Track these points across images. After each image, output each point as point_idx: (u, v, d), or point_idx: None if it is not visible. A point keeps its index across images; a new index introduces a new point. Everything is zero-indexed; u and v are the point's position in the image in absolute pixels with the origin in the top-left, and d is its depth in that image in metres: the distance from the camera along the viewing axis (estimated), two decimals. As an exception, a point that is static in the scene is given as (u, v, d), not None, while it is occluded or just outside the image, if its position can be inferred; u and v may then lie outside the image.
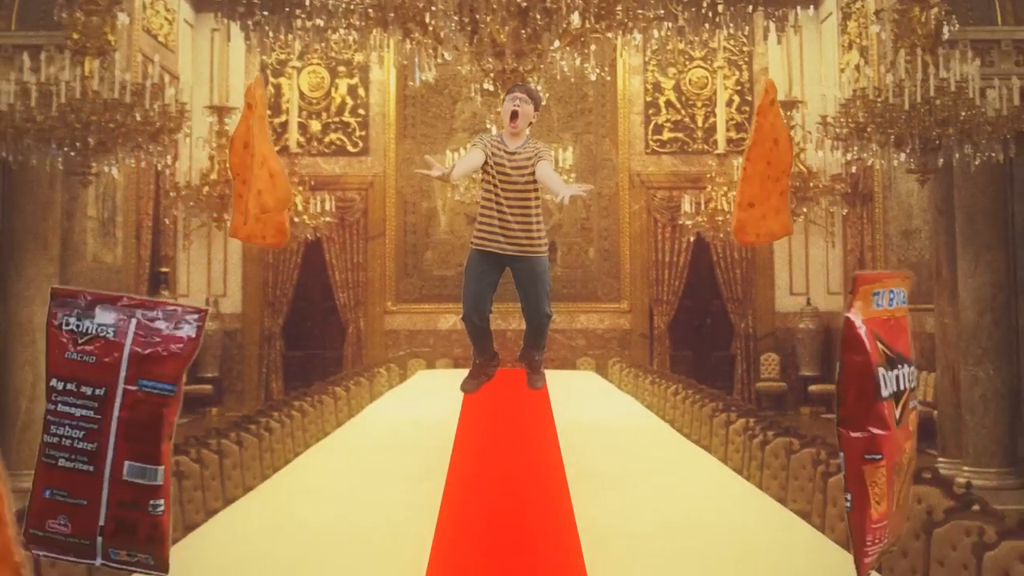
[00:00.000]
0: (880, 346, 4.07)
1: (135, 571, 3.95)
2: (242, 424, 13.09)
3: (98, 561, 3.88)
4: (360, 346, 28.26)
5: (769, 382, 28.09)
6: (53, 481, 3.74)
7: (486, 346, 8.51)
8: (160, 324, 3.84)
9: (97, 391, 3.69)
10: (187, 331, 3.85)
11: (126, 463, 3.74)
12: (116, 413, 3.71)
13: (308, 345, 28.88)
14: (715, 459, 11.60)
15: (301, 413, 14.83)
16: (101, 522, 3.78)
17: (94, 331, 3.77)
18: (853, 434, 4.07)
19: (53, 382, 3.68)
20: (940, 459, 17.97)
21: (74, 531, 3.81)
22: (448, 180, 7.62)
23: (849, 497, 4.17)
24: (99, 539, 3.82)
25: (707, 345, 29.06)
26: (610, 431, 12.81)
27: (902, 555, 8.17)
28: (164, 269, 26.46)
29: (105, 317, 3.80)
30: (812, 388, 27.53)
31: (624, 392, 19.12)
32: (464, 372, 9.40)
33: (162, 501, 3.82)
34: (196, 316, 3.87)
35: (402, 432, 12.90)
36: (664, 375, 22.18)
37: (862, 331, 3.97)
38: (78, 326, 3.77)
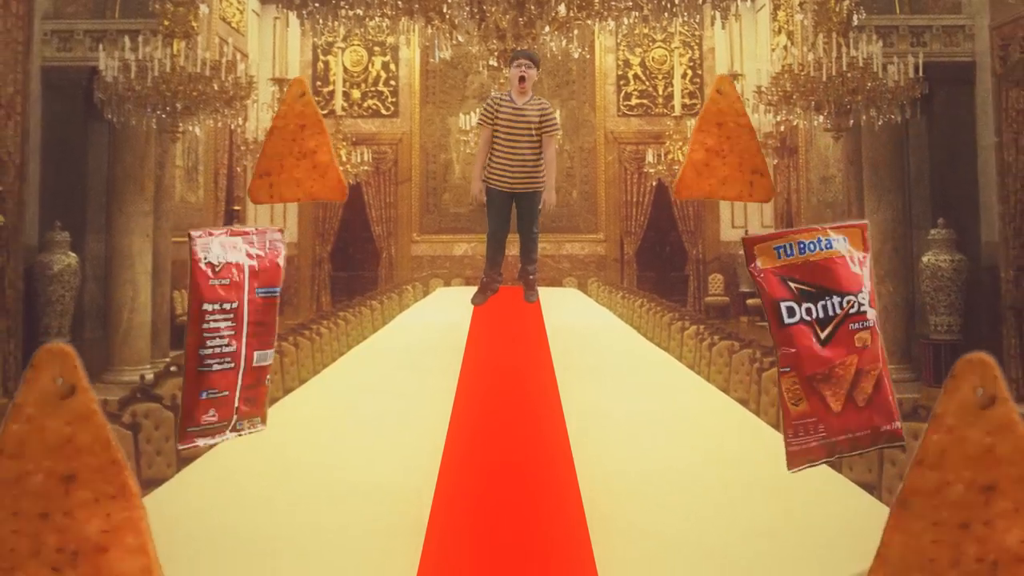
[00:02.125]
0: (793, 285, 4.14)
1: (249, 433, 4.00)
2: (298, 330, 13.14)
3: (227, 436, 3.95)
4: (391, 268, 28.33)
5: (715, 297, 28.16)
6: (208, 384, 3.81)
7: (499, 260, 8.80)
8: (259, 244, 3.93)
9: (232, 305, 3.78)
10: (278, 246, 3.95)
11: (255, 353, 3.86)
12: (246, 318, 3.81)
13: (350, 267, 28.93)
14: (672, 357, 11.63)
15: (345, 321, 14.89)
16: (236, 404, 3.88)
17: (224, 260, 3.85)
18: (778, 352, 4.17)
19: (204, 306, 3.76)
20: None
21: (220, 418, 3.88)
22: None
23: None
24: (235, 418, 3.91)
25: (666, 267, 29.11)
26: (589, 335, 12.82)
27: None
28: (236, 207, 26.53)
29: (228, 247, 3.90)
30: (749, 301, 27.58)
31: (601, 305, 19.13)
32: (474, 289, 9.54)
33: (270, 375, 3.97)
34: (279, 234, 3.98)
35: (425, 336, 12.92)
36: (632, 291, 22.28)
37: (761, 277, 4.02)
38: (214, 259, 3.87)
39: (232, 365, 3.86)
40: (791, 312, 4.05)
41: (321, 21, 16.53)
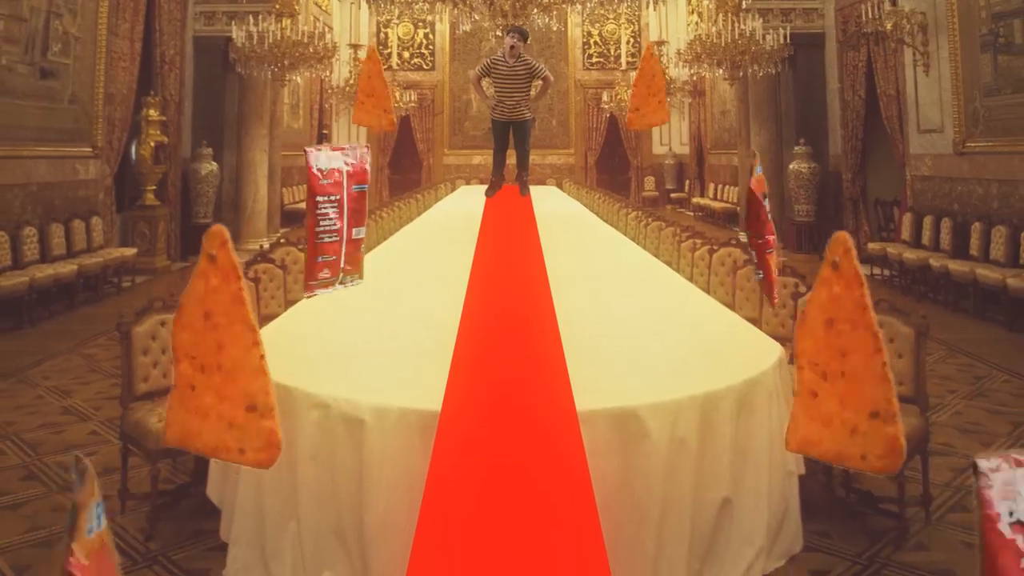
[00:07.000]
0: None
1: (353, 285, 4.13)
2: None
3: (336, 287, 4.11)
4: (430, 173, 28.30)
5: (649, 192, 28.14)
6: (322, 251, 3.94)
7: (501, 168, 9.47)
8: (352, 156, 4.04)
9: (336, 197, 3.89)
10: (365, 156, 4.07)
11: (353, 229, 4.01)
12: (346, 206, 3.93)
13: (402, 172, 28.82)
14: (620, 233, 11.60)
15: (399, 208, 14.82)
16: (342, 265, 4.03)
17: (329, 167, 3.99)
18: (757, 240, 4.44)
19: (317, 198, 3.87)
20: (741, 233, 18.02)
21: (331, 275, 4.01)
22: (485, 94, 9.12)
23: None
24: (341, 274, 4.06)
25: (616, 172, 29.06)
26: (564, 217, 12.78)
27: (719, 284, 8.23)
28: (325, 131, 26.47)
29: (331, 158, 4.01)
30: (672, 195, 27.97)
31: (572, 198, 19.03)
32: (486, 186, 9.64)
33: (364, 246, 4.15)
34: (367, 149, 4.08)
35: (453, 217, 12.88)
36: (593, 189, 22.23)
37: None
38: (322, 167, 3.98)
39: (337, 238, 4.00)
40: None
41: (382, 5, 16.68)
